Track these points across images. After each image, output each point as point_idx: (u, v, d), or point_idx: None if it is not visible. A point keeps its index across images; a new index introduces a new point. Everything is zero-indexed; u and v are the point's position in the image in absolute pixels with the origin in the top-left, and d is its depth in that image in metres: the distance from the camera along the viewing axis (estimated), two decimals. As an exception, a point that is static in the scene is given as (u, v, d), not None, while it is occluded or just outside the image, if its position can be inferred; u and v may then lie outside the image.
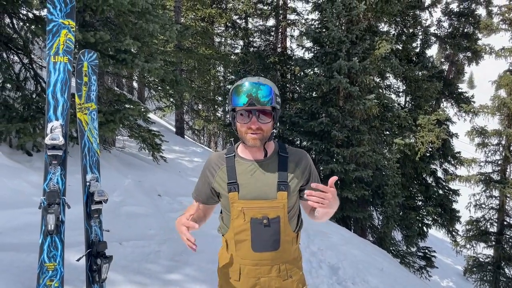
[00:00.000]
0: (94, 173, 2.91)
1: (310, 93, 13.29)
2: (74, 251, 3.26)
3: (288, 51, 16.62)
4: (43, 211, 2.51)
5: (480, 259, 13.99)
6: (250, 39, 17.48)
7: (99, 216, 2.87)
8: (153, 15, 6.67)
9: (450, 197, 15.53)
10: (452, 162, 15.62)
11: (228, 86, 18.00)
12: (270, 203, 1.93)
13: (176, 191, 6.77)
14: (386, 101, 12.78)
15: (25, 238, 3.57)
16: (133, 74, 11.98)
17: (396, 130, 13.95)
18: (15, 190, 4.43)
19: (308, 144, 12.09)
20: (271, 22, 17.38)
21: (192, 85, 15.28)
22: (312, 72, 12.82)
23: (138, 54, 6.58)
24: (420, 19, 15.62)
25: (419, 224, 14.90)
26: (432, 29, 16.62)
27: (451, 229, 15.40)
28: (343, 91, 11.86)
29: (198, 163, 10.56)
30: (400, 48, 14.92)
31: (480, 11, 16.27)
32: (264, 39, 17.43)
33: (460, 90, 16.90)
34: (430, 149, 14.93)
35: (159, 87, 12.69)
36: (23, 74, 6.13)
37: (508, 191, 12.95)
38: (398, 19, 15.20)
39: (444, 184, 15.83)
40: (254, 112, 1.85)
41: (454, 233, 15.35)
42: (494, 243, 13.86)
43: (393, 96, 15.58)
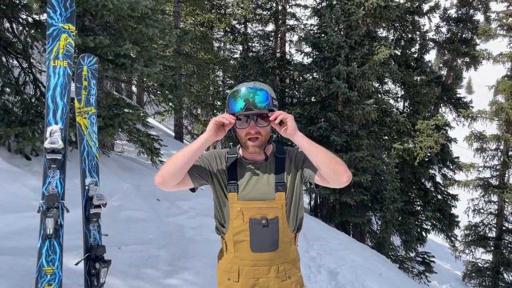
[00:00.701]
0: (93, 177, 2.92)
1: (309, 98, 13.33)
2: (72, 255, 3.25)
3: (287, 56, 16.67)
4: (42, 215, 2.51)
5: (479, 264, 13.98)
6: (249, 44, 17.52)
7: (97, 220, 2.87)
8: (152, 20, 6.68)
9: (449, 202, 15.54)
10: (451, 167, 15.65)
11: (227, 91, 18.00)
12: (269, 203, 1.96)
13: (175, 196, 6.75)
14: (384, 106, 12.83)
15: (24, 242, 3.57)
16: (132, 78, 11.95)
17: (394, 135, 13.98)
18: (14, 194, 4.43)
19: (307, 149, 12.07)
20: (270, 27, 17.45)
21: (191, 89, 15.27)
22: (311, 77, 12.86)
23: (137, 58, 6.57)
24: (419, 25, 15.68)
25: (418, 229, 14.88)
26: (431, 34, 16.74)
27: (450, 234, 15.39)
28: (342, 96, 11.89)
29: (197, 168, 10.51)
30: (399, 53, 14.98)
31: (478, 16, 16.39)
32: (263, 44, 17.47)
33: (458, 95, 16.94)
34: (428, 154, 14.94)
35: (158, 92, 12.68)
36: (22, 78, 6.14)
37: (506, 196, 12.96)
38: (396, 25, 15.27)
39: (443, 189, 15.84)
40: (252, 117, 1.88)
41: (453, 238, 15.34)
42: (492, 248, 13.86)
43: (391, 101, 15.61)
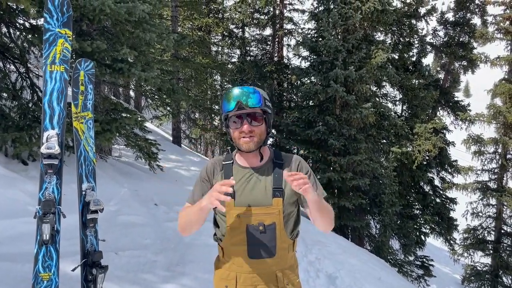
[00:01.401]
0: (90, 182, 2.90)
1: (307, 101, 13.33)
2: (69, 261, 3.23)
3: (285, 60, 16.67)
4: (38, 220, 2.50)
5: (478, 267, 13.95)
6: (247, 48, 17.53)
7: (94, 226, 2.86)
8: (150, 25, 6.70)
9: (448, 205, 15.50)
10: (449, 171, 15.64)
11: (224, 95, 17.97)
12: (266, 209, 1.94)
13: (172, 200, 6.74)
14: (382, 109, 12.83)
15: (21, 248, 3.55)
16: (130, 83, 11.97)
17: (393, 139, 13.97)
18: (11, 199, 4.41)
19: (305, 152, 12.10)
20: (267, 32, 17.44)
21: (189, 94, 15.29)
22: (308, 81, 12.87)
23: (135, 63, 6.58)
24: (416, 28, 15.71)
25: (417, 233, 14.85)
26: (428, 38, 16.72)
27: (448, 237, 15.35)
28: (340, 100, 11.89)
29: (195, 172, 10.53)
30: (397, 57, 15.01)
31: (475, 20, 16.38)
32: (261, 48, 17.48)
33: (456, 99, 16.94)
34: (427, 157, 14.92)
35: (156, 96, 12.71)
36: (19, 83, 6.14)
37: (505, 199, 12.96)
38: (394, 28, 15.31)
39: (441, 192, 15.81)
40: (245, 116, 1.91)
41: (451, 241, 15.31)
42: (491, 251, 13.83)
43: (389, 104, 15.60)
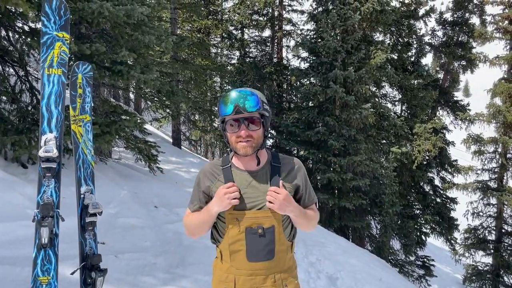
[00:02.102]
0: (89, 185, 2.90)
1: (306, 102, 13.33)
2: (68, 265, 3.23)
3: (284, 61, 16.67)
4: (36, 224, 2.49)
5: (479, 267, 13.93)
6: (246, 49, 17.51)
7: (93, 229, 2.85)
8: (149, 27, 6.69)
9: (448, 205, 15.50)
10: (449, 170, 15.62)
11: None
12: (265, 213, 1.94)
13: (172, 203, 6.74)
14: (382, 110, 12.82)
15: (20, 252, 3.54)
16: (129, 85, 11.98)
17: (392, 139, 13.97)
18: (10, 203, 4.40)
19: (305, 153, 12.10)
20: (267, 33, 17.43)
21: (189, 95, 15.28)
22: (308, 82, 12.86)
23: (134, 65, 6.57)
24: (415, 29, 15.70)
25: (418, 233, 14.85)
26: (427, 38, 16.71)
27: (449, 237, 15.34)
28: (339, 101, 11.89)
29: (195, 174, 10.48)
30: (396, 57, 15.00)
31: (474, 20, 16.36)
32: (260, 50, 17.47)
33: (455, 98, 16.95)
34: (427, 157, 14.92)
35: (156, 98, 12.69)
36: (18, 86, 6.13)
37: (505, 199, 12.94)
38: (393, 29, 15.31)
39: (441, 192, 15.80)
40: (242, 120, 1.89)
41: (452, 241, 15.30)
42: (492, 251, 13.81)
43: (389, 105, 15.59)
